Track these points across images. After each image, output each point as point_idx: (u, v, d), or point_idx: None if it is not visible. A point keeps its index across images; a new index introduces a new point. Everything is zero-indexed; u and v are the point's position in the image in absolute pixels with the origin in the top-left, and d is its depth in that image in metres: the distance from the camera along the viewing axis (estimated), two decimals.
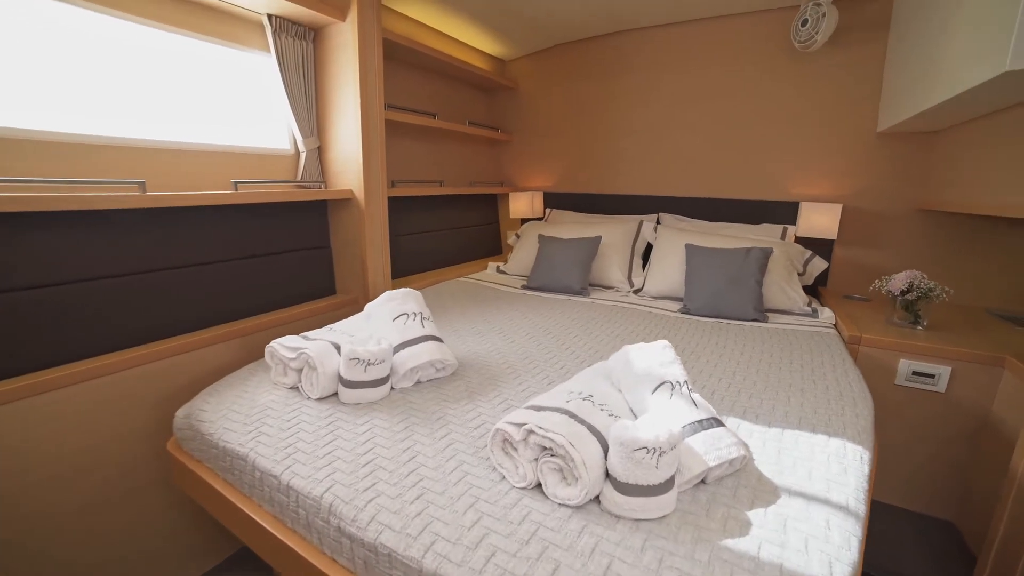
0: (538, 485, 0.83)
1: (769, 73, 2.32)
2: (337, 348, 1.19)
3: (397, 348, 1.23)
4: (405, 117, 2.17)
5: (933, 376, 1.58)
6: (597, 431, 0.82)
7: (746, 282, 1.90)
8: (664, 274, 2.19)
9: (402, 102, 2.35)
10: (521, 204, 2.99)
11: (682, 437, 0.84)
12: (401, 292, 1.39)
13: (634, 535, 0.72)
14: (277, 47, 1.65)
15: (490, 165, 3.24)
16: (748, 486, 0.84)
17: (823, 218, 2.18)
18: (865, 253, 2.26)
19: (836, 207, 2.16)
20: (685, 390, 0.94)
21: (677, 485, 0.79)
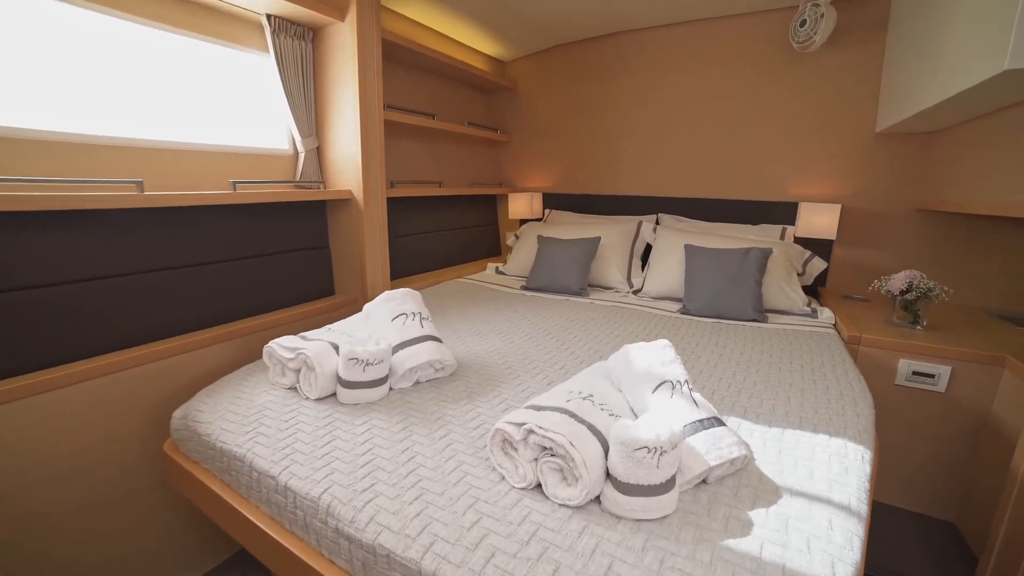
0: (538, 485, 0.83)
1: (768, 74, 2.32)
2: (335, 348, 1.18)
3: (396, 348, 1.23)
4: (404, 118, 2.17)
5: (933, 376, 1.58)
6: (597, 431, 0.82)
7: (745, 282, 1.90)
8: (663, 274, 2.19)
9: (401, 103, 2.35)
10: (520, 205, 2.99)
11: (683, 436, 0.84)
12: (400, 292, 1.38)
13: (635, 535, 0.72)
14: (276, 47, 1.65)
15: (489, 166, 3.24)
16: (749, 486, 0.84)
17: (822, 218, 2.18)
18: (864, 253, 2.26)
19: (835, 207, 2.16)
20: (686, 389, 0.94)
21: (678, 485, 0.78)
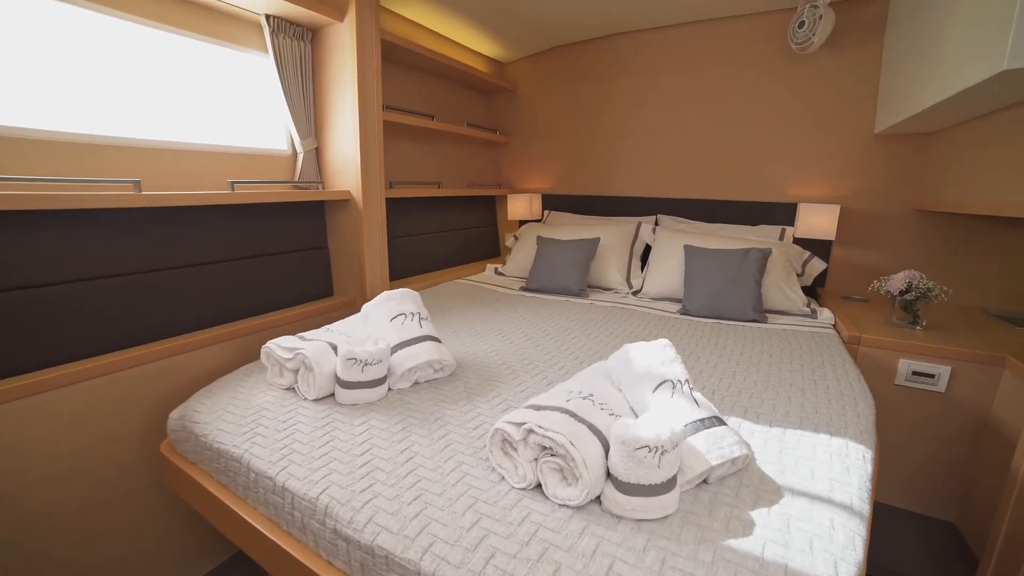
0: (538, 486, 0.82)
1: (766, 75, 2.33)
2: (334, 348, 1.18)
3: (395, 348, 1.22)
4: (403, 118, 2.17)
5: (933, 376, 1.58)
6: (598, 430, 0.81)
7: (745, 283, 1.89)
8: (663, 275, 2.19)
9: (400, 103, 2.35)
10: (519, 206, 2.99)
11: (684, 436, 0.83)
12: (399, 292, 1.37)
13: (636, 536, 0.71)
14: (275, 47, 1.64)
15: (488, 167, 3.24)
16: (750, 486, 0.83)
17: (821, 219, 2.18)
18: (863, 254, 2.26)
19: (834, 208, 2.16)
20: (686, 389, 0.93)
21: (679, 485, 0.78)
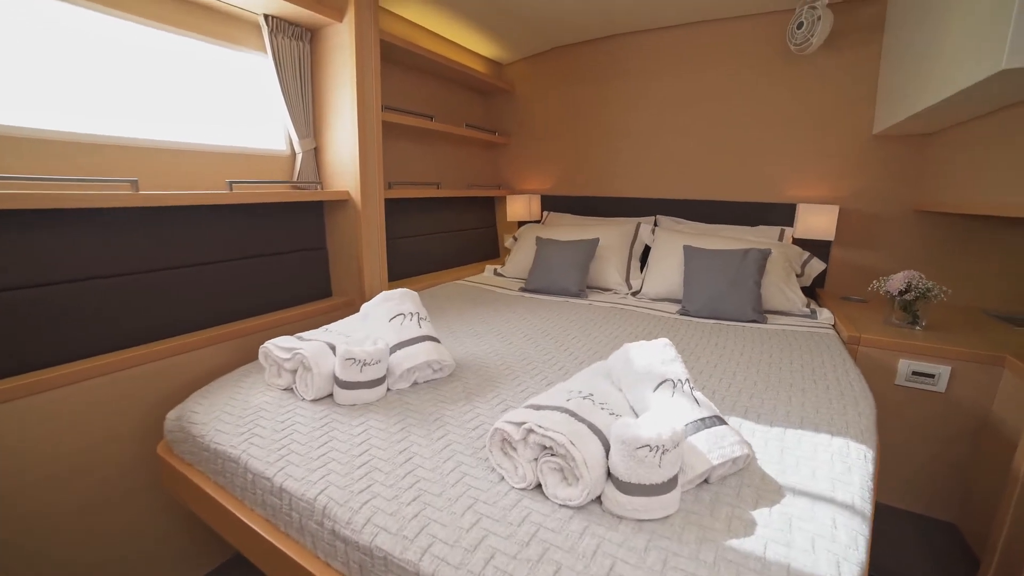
0: (538, 486, 0.82)
1: (765, 76, 2.33)
2: (332, 348, 1.17)
3: (394, 348, 1.21)
4: (402, 119, 2.16)
5: (933, 376, 1.57)
6: (598, 429, 0.81)
7: (745, 283, 1.89)
8: (662, 276, 2.19)
9: (399, 104, 2.34)
10: (518, 207, 2.99)
11: (685, 435, 0.83)
12: (398, 292, 1.37)
13: (637, 536, 0.71)
14: (274, 47, 1.64)
15: (487, 168, 3.23)
16: (752, 485, 0.83)
17: (820, 219, 2.18)
18: (862, 254, 2.26)
19: (833, 208, 2.16)
20: (687, 388, 0.93)
21: (680, 484, 0.77)
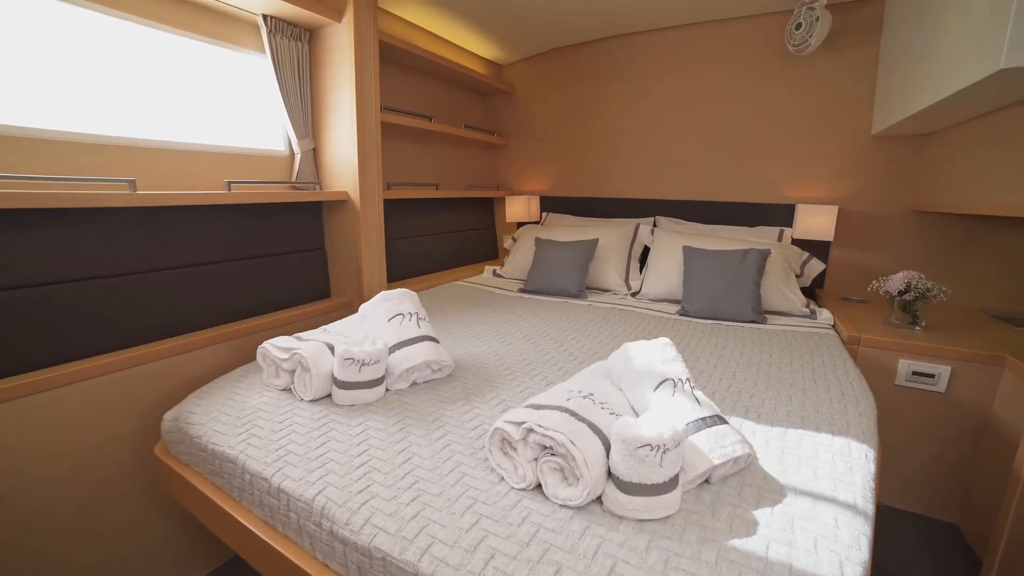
0: (538, 486, 0.81)
1: (764, 77, 2.33)
2: (331, 349, 1.16)
3: (392, 348, 1.21)
4: (401, 119, 2.16)
5: (933, 376, 1.57)
6: (599, 429, 0.80)
7: (744, 284, 1.89)
8: (662, 276, 2.18)
9: (398, 104, 2.34)
10: (517, 208, 2.98)
11: (686, 434, 0.82)
12: (397, 292, 1.36)
13: (638, 536, 0.70)
14: (272, 48, 1.64)
15: (486, 169, 3.23)
16: (753, 485, 0.82)
17: (819, 220, 2.18)
18: (861, 255, 2.26)
19: (832, 209, 2.16)
20: (687, 387, 0.92)
21: (681, 484, 0.77)
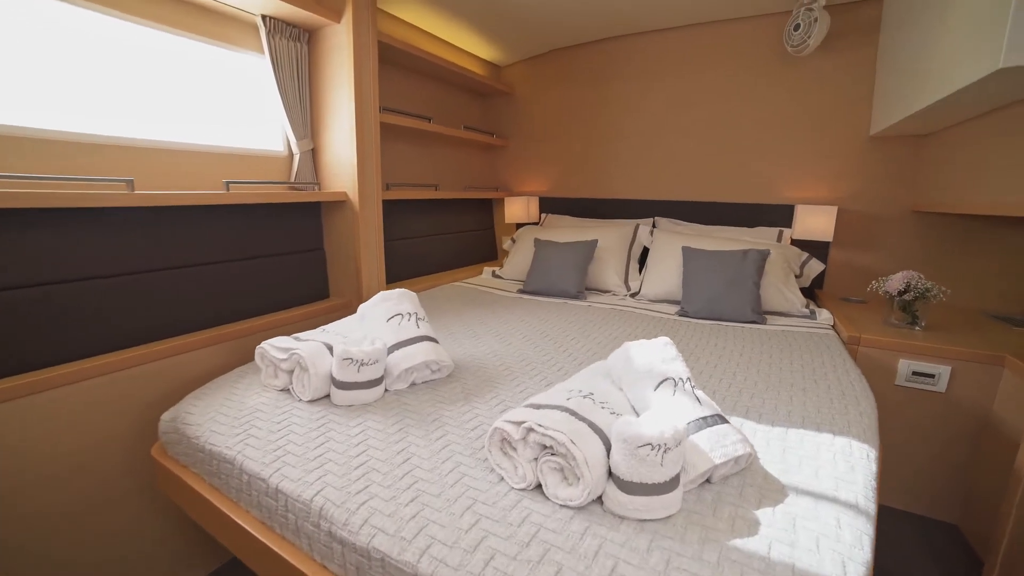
0: (538, 486, 0.80)
1: (763, 77, 2.34)
2: (329, 349, 1.16)
3: (391, 349, 1.20)
4: (400, 120, 2.16)
5: (933, 376, 1.57)
6: (599, 428, 0.80)
7: (744, 284, 1.89)
8: (661, 277, 2.18)
9: (397, 105, 2.34)
10: (517, 209, 2.98)
11: (687, 434, 0.82)
12: (396, 292, 1.36)
13: (639, 536, 0.70)
14: (271, 48, 1.64)
15: (485, 169, 3.23)
16: (754, 485, 0.82)
17: (818, 220, 2.18)
18: (861, 255, 2.26)
19: (831, 209, 2.16)
20: (688, 387, 0.92)
21: (682, 484, 0.76)
